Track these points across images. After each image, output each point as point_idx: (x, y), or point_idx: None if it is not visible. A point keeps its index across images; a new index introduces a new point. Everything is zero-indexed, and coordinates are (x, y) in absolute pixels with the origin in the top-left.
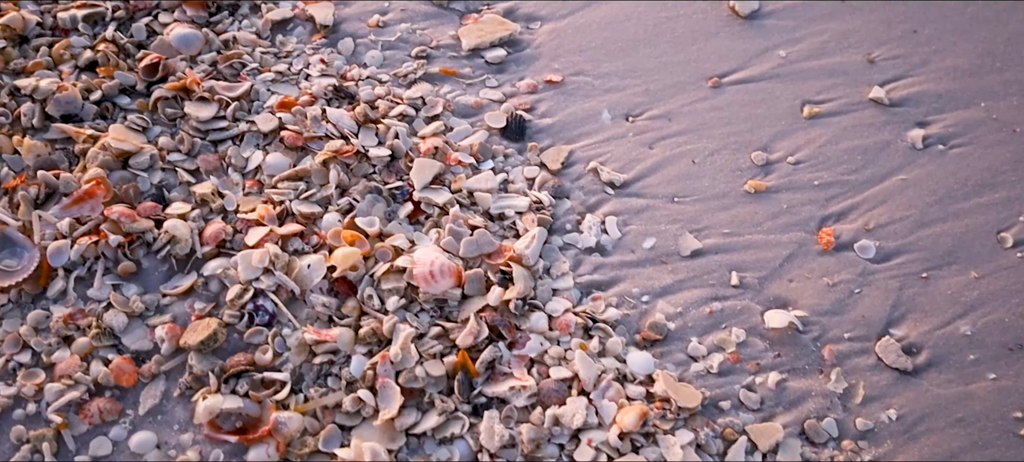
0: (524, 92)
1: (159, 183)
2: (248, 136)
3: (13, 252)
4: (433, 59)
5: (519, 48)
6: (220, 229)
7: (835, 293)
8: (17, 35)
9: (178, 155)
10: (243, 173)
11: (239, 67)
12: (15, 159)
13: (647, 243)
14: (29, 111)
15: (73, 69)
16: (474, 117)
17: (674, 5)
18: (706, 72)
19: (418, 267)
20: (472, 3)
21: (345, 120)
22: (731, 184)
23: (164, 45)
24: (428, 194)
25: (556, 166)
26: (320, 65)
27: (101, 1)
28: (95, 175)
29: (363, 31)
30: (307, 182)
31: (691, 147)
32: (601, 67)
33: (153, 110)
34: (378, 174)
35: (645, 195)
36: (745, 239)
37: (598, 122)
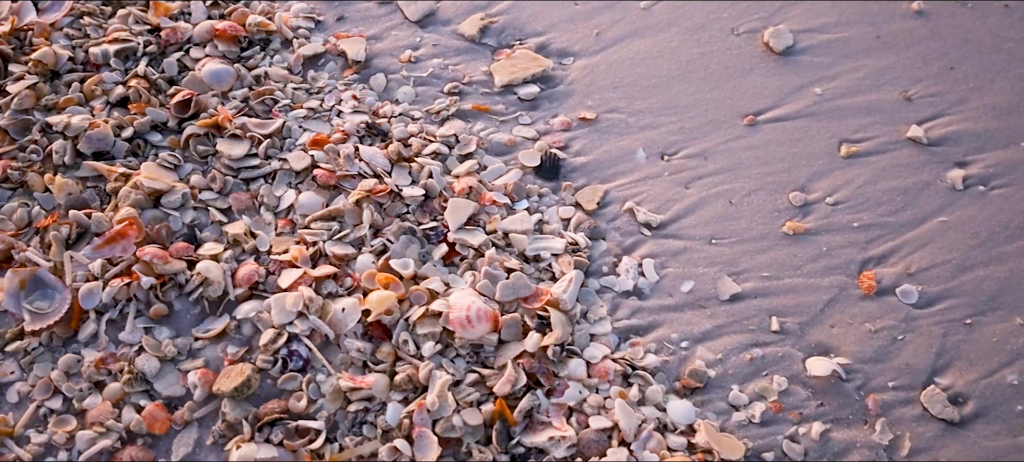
0: (558, 129)
1: (191, 222)
2: (280, 174)
3: (44, 294)
4: (465, 95)
5: (552, 84)
6: (253, 271)
7: (878, 340)
8: (49, 70)
9: (210, 194)
10: (275, 212)
11: (271, 103)
12: (46, 197)
13: (685, 287)
14: (61, 148)
15: (105, 105)
16: (508, 155)
17: (708, 40)
18: (741, 109)
19: (454, 312)
20: (504, 38)
21: (378, 158)
22: (769, 225)
23: (196, 81)
24: (463, 235)
25: (591, 206)
26: (352, 101)
27: (133, 36)
28: (127, 215)
29: (395, 67)
30: (340, 222)
31: (728, 187)
32: (635, 104)
33: (185, 147)
34: (412, 214)
35: (682, 236)
36: (785, 283)
37: (633, 161)
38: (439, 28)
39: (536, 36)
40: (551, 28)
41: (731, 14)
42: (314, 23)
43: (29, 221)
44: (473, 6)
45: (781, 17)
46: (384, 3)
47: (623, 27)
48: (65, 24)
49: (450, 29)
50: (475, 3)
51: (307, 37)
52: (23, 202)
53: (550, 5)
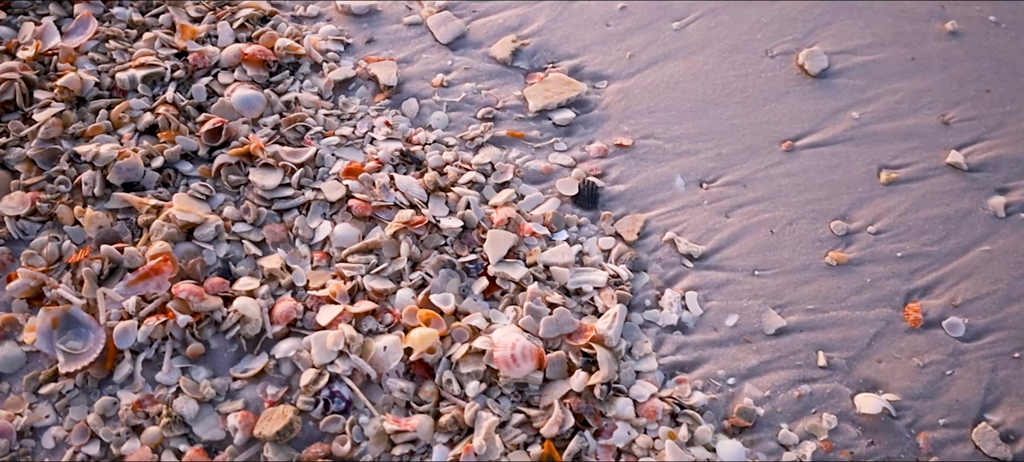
0: (594, 156)
1: (225, 256)
2: (315, 205)
3: (78, 333)
4: (499, 121)
5: (586, 109)
6: (291, 307)
7: (926, 375)
8: (75, 97)
9: (244, 226)
10: (311, 245)
11: (302, 130)
12: (76, 230)
13: (730, 320)
14: (90, 179)
15: (133, 133)
16: (545, 183)
17: (742, 63)
18: (779, 135)
19: (499, 350)
20: (536, 61)
21: (414, 188)
22: (812, 256)
23: (225, 107)
24: (503, 269)
25: (632, 237)
26: (385, 128)
27: (159, 61)
28: (161, 250)
29: (427, 91)
30: (378, 255)
31: (768, 216)
32: (671, 129)
33: (216, 177)
34: (450, 246)
35: (725, 268)
36: (830, 316)
37: (672, 189)
38: (470, 51)
39: (569, 58)
40: (584, 50)
41: (765, 35)
42: (343, 46)
43: (60, 256)
44: (504, 27)
45: (814, 38)
46: (413, 25)
47: (656, 49)
48: (90, 48)
49: (482, 52)
50: (506, 25)
51: (337, 61)
52: (53, 235)
53: (582, 26)
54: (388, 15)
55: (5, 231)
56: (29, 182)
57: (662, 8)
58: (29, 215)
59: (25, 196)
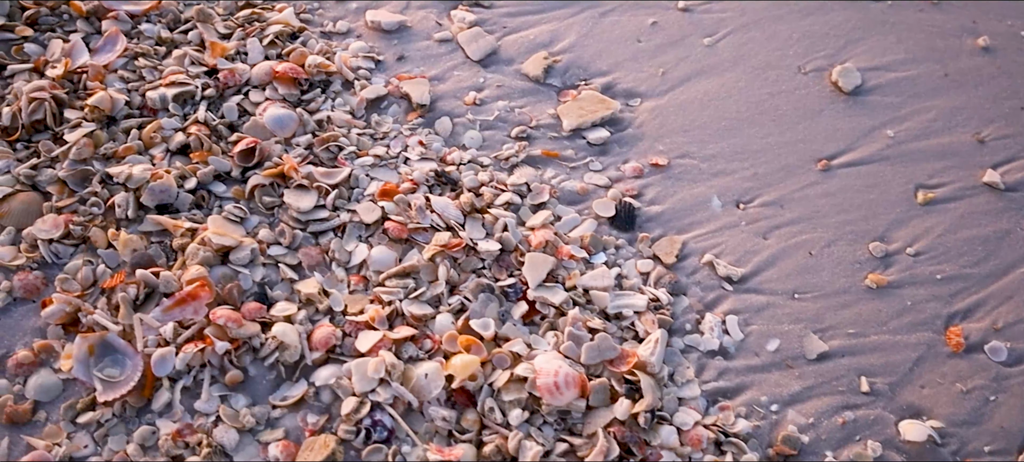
0: (630, 176)
1: (261, 280)
2: (350, 227)
3: (115, 360)
4: (533, 140)
5: (621, 127)
6: (330, 333)
7: (970, 401)
8: (105, 116)
9: (279, 248)
10: (347, 268)
11: (336, 150)
12: (110, 254)
13: (771, 345)
14: (123, 201)
15: (165, 153)
16: (581, 204)
17: (775, 80)
18: (814, 153)
19: (542, 378)
20: (568, 78)
21: (450, 210)
22: (851, 278)
23: (257, 127)
24: (543, 293)
25: (670, 259)
26: (419, 148)
27: (190, 79)
28: (197, 275)
29: (460, 110)
30: (415, 279)
31: (807, 237)
32: (707, 148)
33: (250, 198)
34: (488, 269)
35: (764, 291)
36: (871, 340)
37: (709, 209)
38: (502, 68)
39: (601, 76)
40: (616, 67)
41: (797, 51)
42: (374, 63)
43: (94, 280)
44: (535, 44)
45: (847, 54)
46: (444, 42)
47: (689, 66)
48: (119, 66)
49: (513, 69)
50: (537, 41)
51: (368, 78)
52: (87, 259)
53: (613, 43)
54: (418, 31)
55: (38, 255)
56: (61, 204)
57: (693, 24)
58: (62, 238)
59: (58, 219)
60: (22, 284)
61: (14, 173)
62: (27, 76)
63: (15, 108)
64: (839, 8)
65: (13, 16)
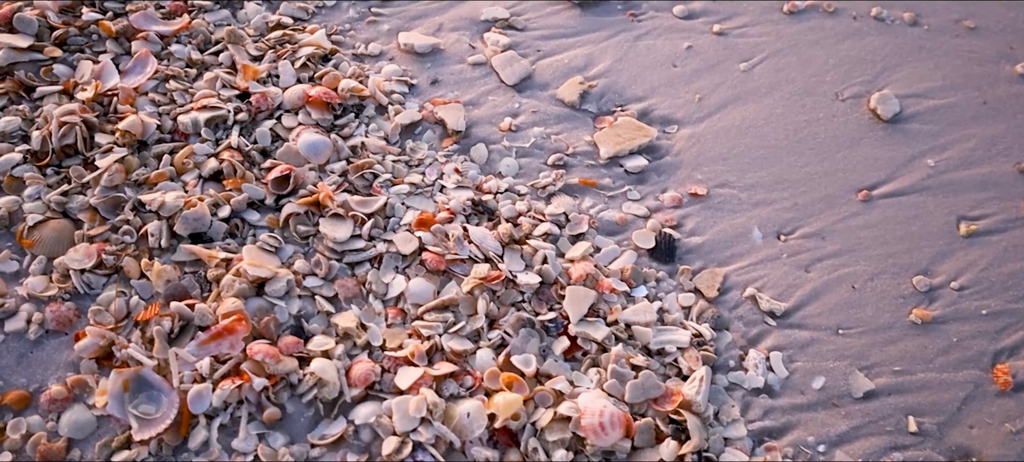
0: (669, 206)
1: (298, 313)
2: (387, 258)
3: (150, 396)
4: (570, 168)
5: (658, 155)
6: (369, 369)
7: (1020, 442)
8: (136, 141)
9: (315, 280)
10: (384, 301)
11: (371, 178)
12: (143, 284)
13: (816, 383)
14: (156, 230)
15: (197, 179)
16: (620, 235)
17: (813, 106)
18: (854, 183)
19: (587, 417)
20: (604, 104)
21: (489, 241)
22: (896, 313)
23: (291, 152)
24: (585, 328)
25: (712, 293)
26: (455, 175)
27: (222, 103)
28: (233, 308)
29: (495, 136)
30: (454, 313)
31: (849, 271)
32: (746, 178)
33: (284, 227)
34: (528, 303)
35: (808, 326)
36: (918, 378)
37: (749, 241)
38: (537, 93)
39: (637, 102)
40: (652, 93)
41: (833, 78)
42: (408, 87)
43: (127, 312)
44: (570, 68)
45: (884, 81)
46: (478, 65)
47: (725, 92)
48: (150, 88)
49: (548, 94)
50: (571, 65)
51: (402, 103)
52: (120, 290)
53: (649, 67)
54: (451, 54)
55: (70, 285)
56: (93, 232)
57: (728, 48)
58: (94, 268)
59: (90, 248)
60: (54, 316)
61: (45, 200)
62: (56, 98)
63: (45, 132)
64: (875, 33)
65: (41, 36)
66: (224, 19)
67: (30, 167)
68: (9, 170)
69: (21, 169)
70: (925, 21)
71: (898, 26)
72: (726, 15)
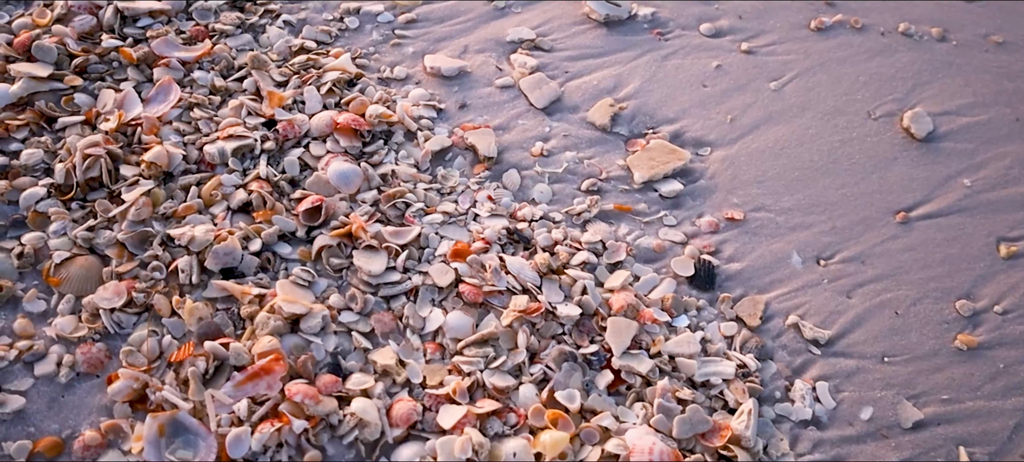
0: (706, 231)
1: (334, 350)
2: (423, 290)
3: (187, 441)
4: (604, 193)
5: (692, 178)
6: (410, 409)
7: None
8: (162, 172)
9: (351, 315)
10: (422, 335)
11: (403, 207)
12: (175, 323)
13: (864, 414)
14: (187, 266)
15: (226, 211)
16: (658, 262)
17: (846, 126)
18: (891, 204)
19: (636, 455)
20: (635, 126)
21: (526, 271)
22: (940, 339)
23: (321, 182)
24: (628, 361)
25: (755, 321)
26: (488, 203)
27: (248, 131)
28: (269, 347)
29: (527, 161)
30: (494, 347)
31: (891, 296)
32: (782, 201)
33: (316, 259)
34: (569, 335)
35: (853, 354)
36: (967, 406)
37: (789, 266)
38: (567, 116)
39: (668, 123)
40: (683, 114)
41: (865, 96)
42: (436, 112)
43: (160, 352)
44: (599, 89)
45: (915, 98)
46: (506, 88)
47: (757, 112)
48: (174, 117)
49: (579, 117)
50: (601, 86)
51: (431, 128)
52: (152, 329)
53: (679, 88)
54: (479, 77)
55: (100, 325)
56: (122, 269)
57: (758, 67)
58: (124, 306)
59: (119, 286)
60: (86, 358)
61: (71, 236)
62: (79, 129)
63: (69, 165)
64: (903, 49)
65: (61, 64)
66: (246, 44)
67: (54, 201)
68: (33, 205)
69: (45, 204)
70: (953, 36)
71: (926, 42)
72: (753, 33)
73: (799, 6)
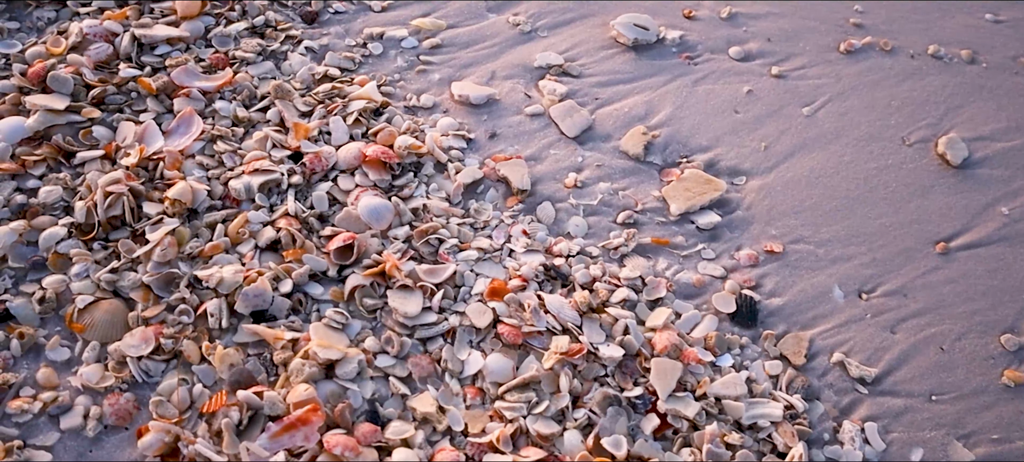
0: (745, 265)
1: (372, 396)
2: (460, 332)
3: None
4: (641, 225)
5: (729, 209)
6: (454, 459)
7: None
8: (187, 209)
9: (387, 359)
10: (461, 380)
11: (436, 243)
12: (205, 370)
13: (915, 455)
14: (216, 309)
15: (253, 250)
16: (698, 298)
17: (880, 153)
18: (930, 234)
19: None
20: (669, 155)
21: (566, 311)
22: (987, 376)
23: (351, 218)
24: (675, 405)
25: (800, 360)
26: (523, 238)
27: (274, 165)
28: (306, 397)
29: (561, 193)
30: (536, 391)
31: (935, 330)
32: (821, 232)
33: (349, 300)
34: (611, 377)
35: (900, 393)
36: (1017, 446)
37: (831, 301)
38: (599, 144)
39: (702, 152)
40: (716, 142)
41: (898, 121)
42: (466, 142)
43: (191, 401)
44: (630, 117)
45: (949, 123)
46: (536, 116)
47: (790, 139)
48: (196, 150)
49: (611, 145)
50: (632, 113)
51: (461, 159)
52: (181, 378)
53: (711, 114)
54: (507, 105)
55: (128, 374)
56: (148, 314)
57: (789, 91)
58: (152, 353)
59: (147, 331)
60: (114, 410)
61: (94, 279)
62: (98, 164)
63: (89, 202)
64: (934, 72)
65: (78, 95)
66: (268, 72)
67: (76, 242)
68: (53, 246)
69: (66, 244)
70: (983, 58)
71: (956, 64)
72: (783, 56)
73: (827, 28)
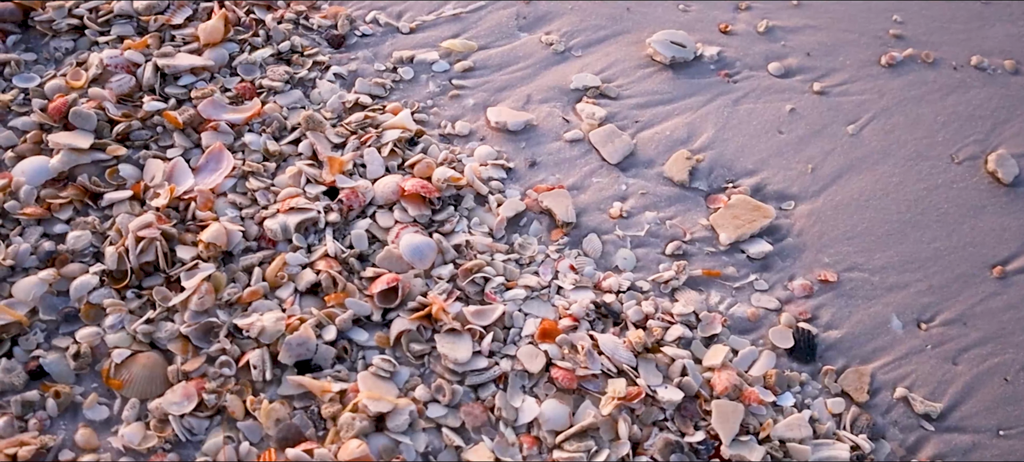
0: (800, 296)
1: (425, 450)
2: (512, 377)
3: None
4: (691, 256)
5: (779, 236)
6: None
7: None
8: (221, 252)
9: (438, 408)
10: (516, 428)
11: (482, 282)
12: (251, 426)
13: None
14: (258, 360)
15: (293, 294)
16: (754, 332)
17: (929, 172)
18: (986, 258)
19: None
20: (714, 180)
21: (621, 351)
22: None
23: (392, 258)
24: (739, 450)
25: (862, 396)
26: (571, 274)
27: (309, 202)
28: (360, 455)
29: (606, 224)
30: (595, 438)
31: (998, 360)
32: (875, 259)
33: (395, 345)
34: (671, 422)
35: (967, 429)
36: None
37: (889, 333)
38: (642, 171)
39: (748, 176)
40: (762, 165)
41: (945, 137)
42: (505, 172)
43: (238, 460)
44: (672, 140)
45: (996, 139)
46: (575, 142)
47: (837, 160)
48: (227, 188)
49: (655, 172)
50: (674, 137)
51: (502, 190)
52: (227, 435)
53: (754, 135)
54: (545, 131)
55: (170, 432)
56: (188, 367)
57: (832, 109)
58: (195, 410)
59: (188, 387)
60: None
61: (129, 330)
62: (127, 206)
63: (120, 248)
64: (978, 85)
65: (102, 132)
66: (297, 101)
67: (108, 291)
68: (86, 296)
69: (98, 294)
70: None
71: (1000, 76)
72: (824, 71)
73: (867, 40)
